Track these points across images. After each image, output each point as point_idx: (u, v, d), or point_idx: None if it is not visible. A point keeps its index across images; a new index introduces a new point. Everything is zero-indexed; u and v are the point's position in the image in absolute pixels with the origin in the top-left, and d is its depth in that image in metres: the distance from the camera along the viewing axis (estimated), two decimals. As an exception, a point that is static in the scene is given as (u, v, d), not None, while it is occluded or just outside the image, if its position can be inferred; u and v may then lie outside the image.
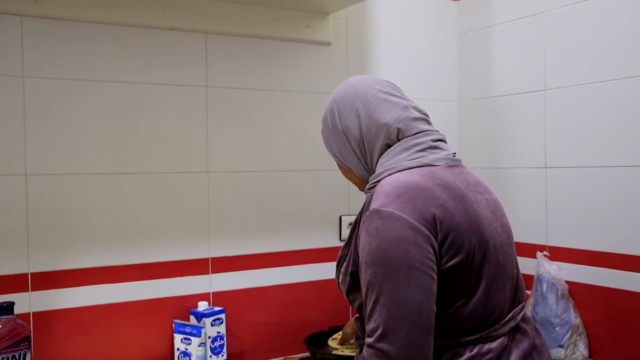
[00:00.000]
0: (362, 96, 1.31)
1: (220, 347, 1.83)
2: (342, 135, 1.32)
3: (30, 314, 1.63)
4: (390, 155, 1.26)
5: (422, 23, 2.29)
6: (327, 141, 1.38)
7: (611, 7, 1.81)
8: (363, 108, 1.29)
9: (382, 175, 1.24)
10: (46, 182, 1.65)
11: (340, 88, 1.36)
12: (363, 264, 1.13)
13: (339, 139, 1.33)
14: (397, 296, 1.08)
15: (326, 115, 1.36)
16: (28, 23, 1.63)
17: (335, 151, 1.36)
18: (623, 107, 1.79)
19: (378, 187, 1.19)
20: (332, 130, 1.34)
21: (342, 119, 1.32)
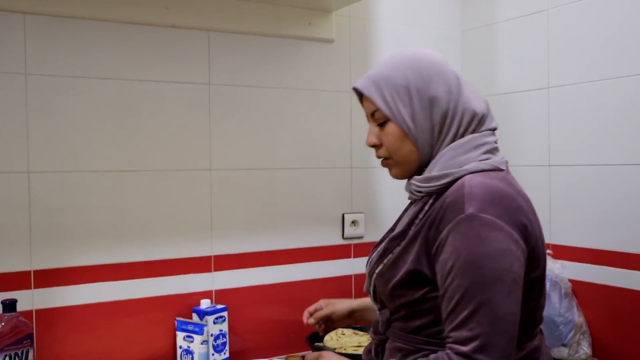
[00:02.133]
0: (452, 71, 1.26)
1: (222, 344, 1.83)
2: (426, 101, 1.23)
3: (33, 311, 1.63)
4: (461, 150, 1.23)
5: (425, 20, 2.29)
6: (395, 100, 1.24)
7: (615, 4, 1.81)
8: (455, 85, 1.24)
9: (459, 172, 1.20)
10: (49, 179, 1.65)
11: (430, 55, 1.27)
12: (457, 268, 1.10)
13: (419, 104, 1.23)
14: (499, 310, 1.08)
15: (404, 73, 1.24)
16: (31, 20, 1.63)
17: (405, 114, 1.24)
18: (627, 104, 1.78)
19: (464, 187, 1.15)
20: (414, 92, 1.23)
21: (432, 86, 1.23)
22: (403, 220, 1.30)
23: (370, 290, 1.34)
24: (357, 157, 2.14)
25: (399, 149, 1.26)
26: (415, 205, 1.28)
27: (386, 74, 1.26)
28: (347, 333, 1.94)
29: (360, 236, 2.15)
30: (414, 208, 1.27)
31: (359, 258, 2.14)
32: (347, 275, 2.13)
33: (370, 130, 1.31)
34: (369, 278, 1.34)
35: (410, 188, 1.29)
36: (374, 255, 1.35)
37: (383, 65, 1.28)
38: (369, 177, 2.17)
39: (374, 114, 1.27)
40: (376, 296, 1.34)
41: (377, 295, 1.33)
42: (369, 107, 1.29)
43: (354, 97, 2.10)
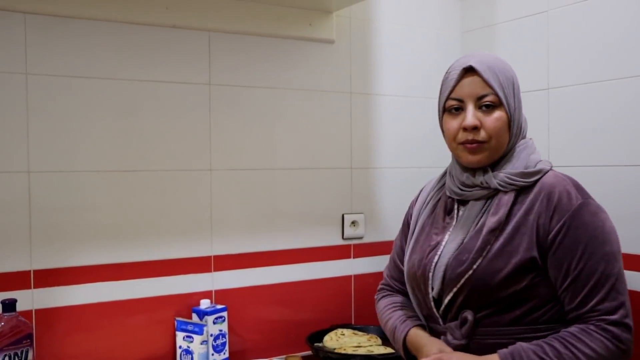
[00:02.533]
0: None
1: (222, 345, 1.83)
2: (519, 100, 1.37)
3: (32, 311, 1.63)
4: (531, 149, 1.39)
5: (425, 21, 2.29)
6: (507, 89, 1.34)
7: (615, 6, 1.81)
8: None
9: (545, 169, 1.34)
10: (49, 179, 1.65)
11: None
12: (590, 249, 1.24)
13: (517, 100, 1.36)
14: (624, 278, 1.28)
15: (509, 68, 1.37)
16: (31, 20, 1.63)
17: (512, 105, 1.35)
18: (626, 106, 1.78)
19: (563, 181, 1.31)
20: (516, 88, 1.36)
21: (520, 92, 1.38)
22: (491, 213, 1.32)
23: (452, 293, 1.31)
24: (357, 158, 2.14)
25: (500, 135, 1.33)
26: (499, 196, 1.33)
27: (497, 64, 1.34)
28: (347, 333, 1.95)
29: (360, 236, 2.15)
30: (500, 199, 1.32)
31: (359, 258, 2.15)
32: (346, 275, 2.13)
33: (470, 112, 1.33)
34: (455, 280, 1.31)
35: (500, 180, 1.33)
36: (450, 255, 1.33)
37: (487, 56, 1.36)
38: (368, 177, 2.17)
39: (483, 97, 1.32)
40: (455, 299, 1.32)
41: (456, 298, 1.32)
42: (479, 89, 1.32)
43: (354, 98, 2.13)
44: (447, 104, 1.38)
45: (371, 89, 2.17)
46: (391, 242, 2.19)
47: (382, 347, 1.87)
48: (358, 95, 2.14)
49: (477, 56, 1.35)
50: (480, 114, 1.32)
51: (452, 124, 1.37)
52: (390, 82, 2.21)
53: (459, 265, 1.31)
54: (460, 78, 1.34)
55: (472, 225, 1.35)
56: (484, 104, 1.32)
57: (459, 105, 1.35)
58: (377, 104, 2.18)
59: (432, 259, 1.37)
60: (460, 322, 1.32)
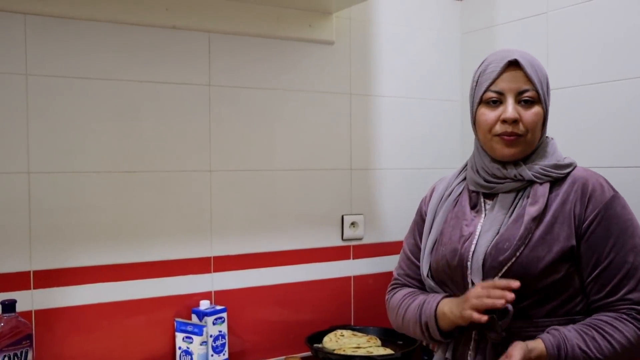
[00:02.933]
0: None
1: (221, 345, 1.83)
2: (549, 99, 1.39)
3: (32, 311, 1.63)
4: (555, 145, 1.42)
5: (425, 23, 2.29)
6: (544, 87, 1.37)
7: (614, 8, 1.81)
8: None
9: (573, 163, 1.38)
10: (49, 180, 1.66)
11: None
12: (622, 240, 1.28)
13: (549, 99, 1.39)
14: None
15: (543, 67, 1.39)
16: (31, 21, 1.63)
17: (548, 102, 1.38)
18: (626, 107, 1.78)
19: (595, 175, 1.35)
20: (549, 87, 1.39)
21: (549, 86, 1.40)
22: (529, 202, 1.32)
23: (495, 279, 1.29)
24: (357, 159, 2.14)
25: (536, 130, 1.36)
26: (535, 187, 1.34)
27: (535, 61, 1.37)
28: (347, 334, 1.95)
29: (360, 237, 2.15)
30: (537, 190, 1.33)
31: (358, 259, 2.15)
32: (346, 276, 2.13)
33: (510, 105, 1.33)
34: (498, 268, 1.29)
35: (535, 172, 1.34)
36: (488, 244, 1.33)
37: (526, 52, 1.37)
38: (368, 178, 2.17)
39: (524, 91, 1.33)
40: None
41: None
42: (520, 83, 1.34)
43: (353, 99, 2.13)
44: (485, 96, 1.37)
45: (371, 90, 2.17)
46: (391, 243, 2.21)
47: (382, 348, 1.87)
48: (358, 96, 2.14)
49: (517, 51, 1.36)
50: (519, 108, 1.33)
51: (489, 116, 1.36)
52: (390, 83, 2.21)
53: (500, 253, 1.30)
54: (502, 71, 1.34)
55: (506, 216, 1.35)
56: (523, 98, 1.34)
57: (498, 97, 1.35)
58: (377, 105, 2.19)
59: (469, 248, 1.35)
60: (500, 314, 1.28)
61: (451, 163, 2.33)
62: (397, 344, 1.93)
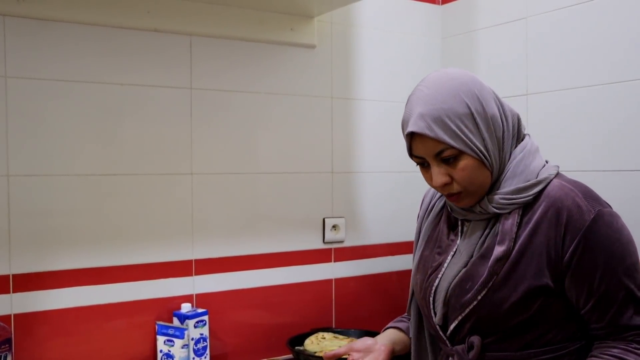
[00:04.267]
0: (486, 84, 1.26)
1: (203, 349, 1.83)
2: (489, 122, 1.22)
3: (11, 315, 1.62)
4: (530, 157, 1.27)
5: (406, 27, 2.31)
6: (464, 132, 1.20)
7: (593, 13, 1.84)
8: (496, 96, 1.26)
9: (548, 179, 1.24)
10: (28, 183, 1.64)
11: (466, 75, 1.25)
12: (613, 265, 1.17)
13: (484, 128, 1.21)
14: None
15: (461, 99, 1.20)
16: (11, 23, 1.62)
17: (478, 143, 1.21)
18: (604, 111, 1.81)
19: (572, 191, 1.20)
20: (477, 117, 1.20)
21: (486, 104, 1.22)
22: (498, 241, 1.23)
23: (457, 320, 1.27)
24: (338, 162, 2.15)
25: (475, 179, 1.23)
26: (502, 220, 1.23)
27: (443, 106, 1.19)
28: (328, 337, 1.95)
29: (341, 240, 2.16)
30: (504, 224, 1.23)
31: (339, 262, 2.16)
32: (327, 279, 2.14)
33: (434, 170, 1.24)
34: (460, 310, 1.25)
35: (496, 203, 1.24)
36: (452, 281, 1.27)
37: (431, 98, 1.21)
38: (349, 181, 2.18)
39: (440, 152, 1.21)
40: (461, 326, 1.27)
41: (463, 325, 1.27)
42: (431, 148, 1.21)
43: (335, 102, 2.14)
44: (413, 160, 1.29)
45: (352, 94, 2.19)
46: (372, 245, 2.23)
47: (363, 350, 1.88)
48: (339, 100, 2.15)
49: (419, 104, 1.22)
50: (445, 167, 1.23)
51: (427, 178, 1.29)
52: (371, 87, 2.23)
53: (462, 294, 1.25)
54: (410, 140, 1.24)
55: (475, 248, 1.27)
56: (444, 158, 1.21)
57: (423, 161, 1.26)
58: (358, 109, 2.20)
59: (433, 282, 1.31)
60: (468, 347, 1.26)
61: (432, 166, 2.35)
62: (378, 346, 1.94)
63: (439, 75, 1.25)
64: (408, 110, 1.24)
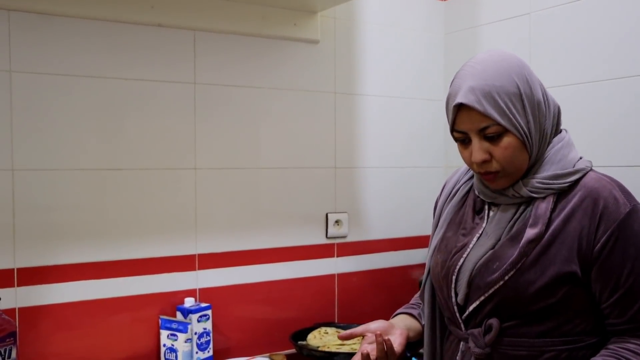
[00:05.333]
0: (534, 73, 1.26)
1: (206, 343, 1.83)
2: (535, 106, 1.22)
3: (16, 309, 1.63)
4: (567, 147, 1.28)
5: (409, 22, 2.31)
6: (512, 110, 1.20)
7: (597, 9, 1.84)
8: (541, 84, 1.26)
9: (584, 169, 1.24)
10: (33, 177, 1.65)
11: (517, 58, 1.25)
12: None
13: (530, 111, 1.22)
14: None
15: (512, 79, 1.20)
16: (16, 17, 1.62)
17: (523, 124, 1.21)
18: (609, 107, 1.81)
19: (609, 184, 1.21)
20: (525, 99, 1.21)
21: (534, 88, 1.23)
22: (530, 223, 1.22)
23: (479, 301, 1.24)
24: (341, 157, 2.15)
25: (514, 159, 1.22)
26: (536, 204, 1.23)
27: (494, 83, 1.19)
28: (330, 332, 1.96)
29: (344, 235, 2.16)
30: (538, 207, 1.22)
31: (342, 257, 2.16)
32: (330, 274, 2.14)
33: (475, 146, 1.23)
34: (484, 289, 1.23)
35: (532, 187, 1.23)
36: (478, 261, 1.25)
37: (482, 73, 1.21)
38: (352, 177, 2.18)
39: (485, 128, 1.20)
40: (481, 307, 1.25)
41: (483, 306, 1.24)
42: (477, 123, 1.20)
43: (338, 98, 2.14)
44: (454, 135, 1.27)
45: (355, 89, 2.19)
46: (374, 241, 2.23)
47: (365, 345, 1.88)
48: (342, 95, 2.16)
49: (469, 78, 1.21)
50: (487, 144, 1.22)
51: (465, 155, 1.27)
52: (374, 83, 2.23)
53: (489, 273, 1.22)
54: (455, 113, 1.23)
55: (504, 231, 1.25)
56: (487, 135, 1.21)
57: (465, 137, 1.24)
58: (361, 104, 2.20)
59: (457, 261, 1.28)
60: (485, 330, 1.24)
61: (435, 162, 2.36)
62: (381, 341, 1.94)
63: (491, 55, 1.25)
64: (457, 84, 1.23)
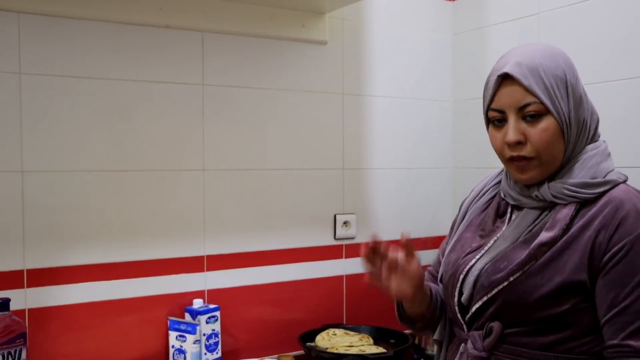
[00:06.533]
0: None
1: (215, 344, 1.84)
2: (578, 99, 1.18)
3: (25, 310, 1.63)
4: (602, 156, 1.21)
5: (417, 23, 2.31)
6: (556, 93, 1.16)
7: (605, 9, 1.83)
8: (584, 88, 1.23)
9: (616, 181, 1.18)
10: (42, 178, 1.66)
11: (565, 53, 1.23)
12: None
13: (573, 101, 1.18)
14: None
15: (560, 65, 1.18)
16: (25, 20, 1.63)
17: (565, 109, 1.17)
18: (618, 108, 1.80)
19: (628, 195, 1.15)
20: (569, 87, 1.18)
21: (578, 83, 1.20)
22: (547, 227, 1.17)
23: (481, 301, 1.20)
24: (349, 158, 2.15)
25: (551, 147, 1.17)
26: (557, 209, 1.18)
27: (543, 61, 1.16)
28: (339, 333, 1.96)
29: (352, 237, 2.16)
30: (558, 212, 1.17)
31: (350, 258, 2.16)
32: (338, 275, 2.14)
33: (512, 124, 1.17)
34: (487, 289, 1.19)
35: (557, 191, 1.18)
36: (488, 260, 1.22)
37: (531, 52, 1.18)
38: (360, 178, 2.18)
39: (525, 106, 1.16)
40: (484, 309, 1.21)
41: (486, 308, 1.21)
42: (519, 98, 1.16)
43: (346, 99, 2.14)
44: (489, 115, 1.22)
45: (363, 90, 2.18)
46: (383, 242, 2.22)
47: (374, 346, 1.88)
48: (350, 96, 2.15)
49: (517, 55, 1.18)
50: (524, 126, 1.17)
51: (496, 138, 1.22)
52: (382, 84, 2.22)
53: (494, 272, 1.19)
54: (498, 86, 1.18)
55: (522, 234, 1.21)
56: (527, 114, 1.16)
57: (501, 116, 1.19)
58: (369, 105, 2.20)
59: (469, 261, 1.25)
60: (485, 333, 1.21)
61: (442, 163, 2.35)
62: (389, 343, 1.94)
63: (540, 43, 1.24)
64: (502, 60, 1.20)
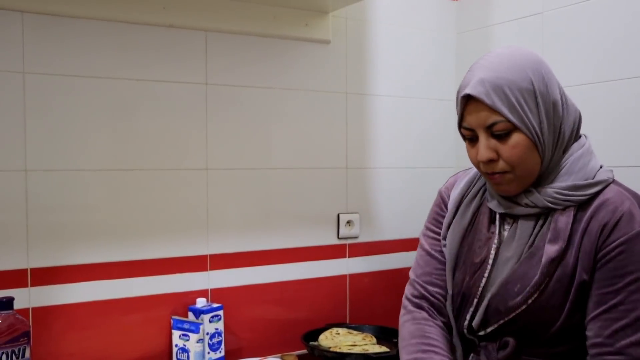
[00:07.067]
0: (553, 73, 1.18)
1: (218, 343, 1.84)
2: (550, 106, 1.15)
3: (29, 309, 1.64)
4: (587, 156, 1.20)
5: (421, 22, 2.30)
6: (523, 107, 1.13)
7: (610, 8, 1.82)
8: (560, 86, 1.19)
9: (607, 180, 1.17)
10: (46, 178, 1.66)
11: (537, 55, 1.19)
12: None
13: (544, 111, 1.15)
14: None
15: (527, 75, 1.14)
16: (29, 19, 1.63)
17: (535, 122, 1.14)
18: (622, 108, 1.80)
19: (630, 197, 1.14)
20: (539, 97, 1.14)
21: (550, 88, 1.16)
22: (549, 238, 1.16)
23: (497, 324, 1.19)
24: (353, 158, 2.15)
25: (524, 161, 1.15)
26: (556, 217, 1.16)
27: (506, 76, 1.13)
28: (342, 332, 1.96)
29: (355, 236, 2.16)
30: (558, 221, 1.16)
31: (354, 258, 2.16)
32: (341, 275, 2.14)
33: (482, 143, 1.16)
34: (504, 314, 1.17)
35: (550, 197, 1.17)
36: (498, 286, 1.19)
37: (495, 66, 1.15)
38: (364, 177, 2.18)
39: (492, 125, 1.14)
40: (500, 329, 1.19)
41: (502, 328, 1.19)
42: (484, 118, 1.14)
43: (349, 98, 2.14)
44: (462, 133, 1.22)
45: (367, 90, 2.18)
46: (386, 241, 2.22)
47: (377, 346, 1.88)
48: (354, 95, 2.15)
49: (482, 70, 1.15)
50: (494, 142, 1.15)
51: (471, 153, 1.21)
52: (386, 83, 2.22)
53: (510, 297, 1.16)
54: (464, 105, 1.17)
55: (525, 247, 1.19)
56: (495, 132, 1.14)
57: (472, 134, 1.18)
58: (373, 105, 2.20)
59: (478, 282, 1.23)
60: (499, 346, 1.20)
61: (446, 162, 2.35)
62: (393, 342, 1.94)
63: (509, 49, 1.19)
64: (468, 76, 1.18)
